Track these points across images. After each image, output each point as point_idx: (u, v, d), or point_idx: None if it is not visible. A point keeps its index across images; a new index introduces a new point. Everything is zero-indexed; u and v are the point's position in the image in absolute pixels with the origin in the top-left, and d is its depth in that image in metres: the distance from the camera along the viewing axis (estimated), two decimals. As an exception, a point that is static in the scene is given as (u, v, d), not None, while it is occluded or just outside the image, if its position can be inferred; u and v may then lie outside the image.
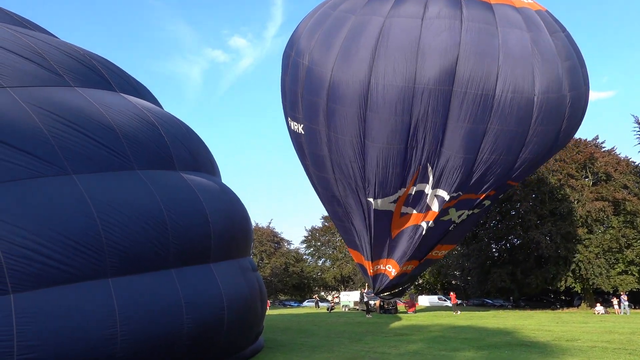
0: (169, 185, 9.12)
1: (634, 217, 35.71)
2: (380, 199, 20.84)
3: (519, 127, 18.58)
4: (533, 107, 18.31)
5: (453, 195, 20.55)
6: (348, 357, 11.74)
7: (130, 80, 11.26)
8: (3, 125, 7.46)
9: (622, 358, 11.01)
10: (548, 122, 18.88)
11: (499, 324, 21.76)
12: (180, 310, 8.44)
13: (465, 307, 45.39)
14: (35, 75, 8.66)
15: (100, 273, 7.51)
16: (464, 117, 18.45)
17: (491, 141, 18.80)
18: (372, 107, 18.59)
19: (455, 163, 19.40)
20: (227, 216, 10.22)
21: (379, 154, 19.36)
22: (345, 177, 20.89)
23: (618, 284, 34.68)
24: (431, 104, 18.34)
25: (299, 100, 20.95)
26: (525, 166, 20.25)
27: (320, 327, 21.84)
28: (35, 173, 7.40)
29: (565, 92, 18.89)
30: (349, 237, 24.53)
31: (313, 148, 21.33)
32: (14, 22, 10.32)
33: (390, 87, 18.18)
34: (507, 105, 18.13)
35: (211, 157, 11.80)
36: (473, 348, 13.21)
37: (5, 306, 6.54)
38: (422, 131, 18.81)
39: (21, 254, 6.75)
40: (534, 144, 19.17)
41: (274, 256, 62.98)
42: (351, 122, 19.22)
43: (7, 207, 6.93)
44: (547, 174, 38.24)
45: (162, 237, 8.42)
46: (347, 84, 18.74)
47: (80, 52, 10.17)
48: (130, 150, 8.77)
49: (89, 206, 7.54)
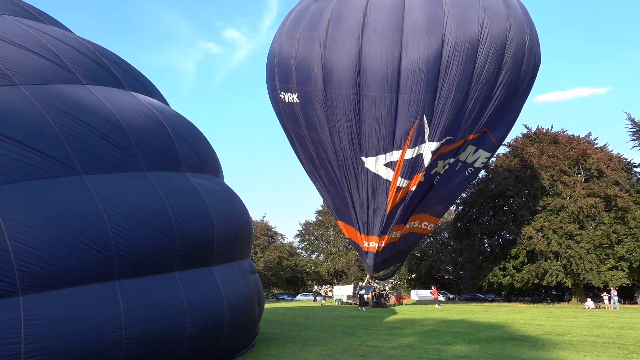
0: (176, 187, 9.12)
1: (624, 214, 36.03)
2: (374, 156, 22.42)
3: (496, 66, 21.68)
4: (504, 50, 21.60)
5: (443, 142, 22.78)
6: (341, 351, 11.81)
7: (139, 77, 11.21)
8: (16, 124, 7.39)
9: (611, 352, 11.17)
10: (515, 64, 22.19)
11: (490, 319, 21.95)
12: (183, 313, 8.46)
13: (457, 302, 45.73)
14: (48, 72, 8.60)
15: (107, 276, 7.49)
16: (453, 64, 20.89)
17: (475, 81, 21.57)
18: (365, 58, 20.79)
19: (446, 105, 21.61)
20: (230, 220, 10.27)
21: (372, 103, 21.28)
22: (341, 134, 22.33)
23: (608, 279, 35.04)
24: (420, 52, 20.64)
25: (292, 70, 22.53)
26: (499, 105, 22.94)
27: (314, 320, 21.93)
28: (48, 173, 7.34)
29: (526, 39, 22.54)
30: (344, 209, 25.14)
31: (309, 110, 22.69)
32: (27, 15, 10.23)
33: (381, 39, 20.73)
34: (486, 48, 21.14)
35: (215, 157, 11.81)
36: (465, 342, 13.34)
37: (14, 309, 6.47)
38: (412, 79, 20.93)
39: (32, 255, 6.68)
40: (505, 82, 22.23)
41: (267, 250, 63.01)
42: (346, 75, 21.15)
43: (19, 207, 6.86)
44: (540, 170, 38.48)
45: (169, 241, 8.43)
46: (341, 41, 21.09)
47: (91, 48, 10.11)
48: (139, 150, 8.76)
49: (99, 208, 7.51)
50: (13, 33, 8.80)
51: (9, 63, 8.12)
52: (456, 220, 45.95)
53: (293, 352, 11.72)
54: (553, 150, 39.61)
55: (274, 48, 24.57)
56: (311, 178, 26.46)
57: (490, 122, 23.96)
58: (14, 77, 8.00)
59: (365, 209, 24.30)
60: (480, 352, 11.44)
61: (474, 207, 43.54)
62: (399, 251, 27.57)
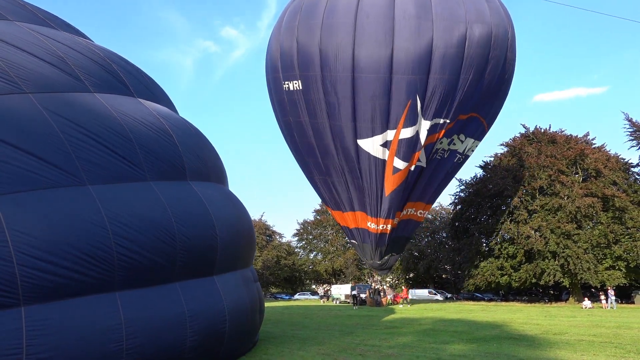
0: (180, 198, 9.13)
1: (622, 214, 36.08)
2: (370, 137, 23.58)
3: (485, 50, 23.13)
4: (491, 36, 23.08)
5: (437, 123, 23.89)
6: (339, 350, 11.83)
7: (148, 82, 11.21)
8: (24, 132, 7.38)
9: (608, 351, 11.20)
10: (500, 51, 23.71)
11: (488, 318, 22.00)
12: (184, 324, 8.47)
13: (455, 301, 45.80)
14: (57, 80, 8.60)
15: (109, 286, 7.50)
16: (443, 47, 22.16)
17: (465, 64, 22.82)
18: (358, 42, 22.20)
19: (439, 86, 22.76)
20: (233, 229, 10.28)
21: (367, 85, 22.49)
22: (340, 117, 23.55)
23: (606, 279, 35.09)
24: (412, 34, 21.94)
25: (295, 57, 23.87)
26: (487, 89, 24.28)
27: (312, 319, 21.95)
28: (53, 183, 7.33)
29: (508, 30, 24.29)
30: (344, 196, 25.93)
31: (310, 96, 23.95)
32: (38, 21, 10.19)
33: (374, 23, 22.14)
34: (473, 34, 22.58)
35: (221, 164, 11.82)
36: (462, 341, 13.37)
37: (16, 319, 6.46)
38: (404, 60, 22.12)
39: (35, 265, 6.67)
40: (493, 67, 23.73)
41: (265, 249, 63.03)
42: (343, 59, 22.36)
43: (24, 217, 6.84)
44: (537, 170, 38.53)
45: (171, 251, 8.45)
46: (337, 27, 22.49)
47: (100, 54, 10.11)
48: (145, 160, 8.76)
49: (103, 220, 7.51)
50: (23, 40, 8.79)
51: (19, 71, 8.12)
52: (454, 220, 45.98)
53: (291, 351, 11.73)
54: (551, 150, 39.65)
55: (275, 39, 25.65)
56: (309, 170, 26.94)
57: (479, 107, 25.19)
58: (23, 85, 8.00)
59: (366, 192, 25.19)
60: (478, 351, 11.47)
61: (472, 207, 43.58)
62: (397, 238, 27.91)
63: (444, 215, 58.09)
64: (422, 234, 57.50)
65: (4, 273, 6.42)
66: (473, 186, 43.68)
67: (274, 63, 25.64)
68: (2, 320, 6.38)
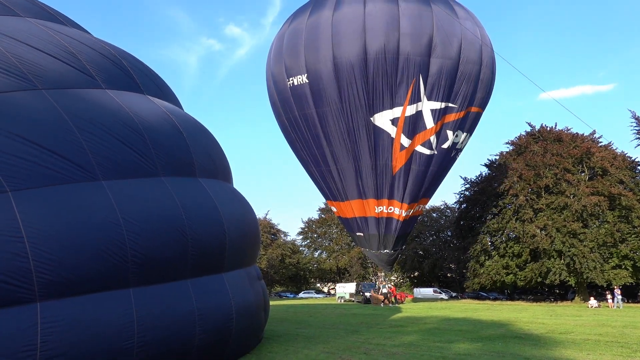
0: (191, 194, 9.16)
1: (629, 212, 35.86)
2: (379, 112, 25.04)
3: (477, 46, 25.62)
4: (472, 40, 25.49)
5: (441, 107, 25.44)
6: (344, 348, 11.84)
7: (157, 80, 11.26)
8: (38, 128, 7.41)
9: (614, 351, 11.15)
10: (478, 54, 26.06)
11: (493, 317, 21.95)
12: (193, 321, 8.50)
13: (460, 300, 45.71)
14: (69, 76, 8.65)
15: (122, 283, 7.52)
16: (441, 31, 24.26)
17: (465, 49, 25.02)
18: (368, 27, 24.09)
19: (442, 68, 24.69)
20: (240, 227, 10.32)
21: (375, 65, 24.28)
22: (351, 98, 24.84)
23: (612, 278, 34.89)
24: (413, 14, 24.15)
25: (301, 52, 25.03)
26: (483, 84, 26.28)
27: (316, 318, 21.98)
28: (68, 178, 7.35)
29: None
30: (354, 182, 26.66)
31: (319, 85, 25.02)
32: (48, 16, 10.26)
33: (380, 11, 24.40)
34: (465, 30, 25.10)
35: (226, 162, 11.87)
36: (467, 340, 13.35)
37: (32, 316, 6.49)
38: (409, 41, 24.14)
39: (50, 261, 6.69)
40: (486, 62, 26.08)
41: (270, 247, 63.06)
42: (352, 42, 24.09)
43: (40, 214, 6.86)
44: (543, 168, 38.35)
45: (182, 248, 8.47)
46: (346, 19, 24.33)
47: (112, 51, 10.17)
48: (156, 156, 8.80)
49: (117, 216, 7.53)
50: (36, 36, 8.83)
51: (32, 67, 8.17)
52: (459, 219, 45.84)
53: (296, 349, 11.75)
54: (557, 148, 39.45)
55: (280, 38, 26.72)
56: (316, 161, 27.11)
57: (477, 99, 26.53)
58: (36, 81, 8.04)
59: (378, 170, 26.02)
60: (483, 350, 11.45)
61: (477, 206, 43.44)
62: (402, 232, 27.84)
63: (449, 214, 57.95)
64: (427, 232, 57.40)
65: (19, 269, 6.44)
66: (478, 185, 43.52)
67: (278, 61, 26.54)
68: (19, 316, 6.42)
